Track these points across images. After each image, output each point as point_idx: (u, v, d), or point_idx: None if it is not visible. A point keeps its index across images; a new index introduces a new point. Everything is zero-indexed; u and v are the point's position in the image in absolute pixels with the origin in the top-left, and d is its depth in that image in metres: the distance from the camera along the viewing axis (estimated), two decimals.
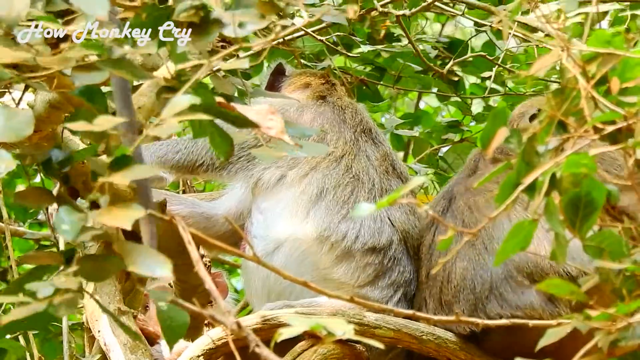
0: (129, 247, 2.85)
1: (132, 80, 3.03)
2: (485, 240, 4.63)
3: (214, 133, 3.05)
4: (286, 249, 4.83)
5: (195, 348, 4.51)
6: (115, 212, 2.82)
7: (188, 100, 2.84)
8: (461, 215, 4.77)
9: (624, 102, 2.93)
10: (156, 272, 2.79)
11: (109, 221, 2.80)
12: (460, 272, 4.67)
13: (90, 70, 2.96)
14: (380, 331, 4.54)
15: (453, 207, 4.81)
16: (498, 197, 2.79)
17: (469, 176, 4.91)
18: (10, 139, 2.89)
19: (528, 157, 2.82)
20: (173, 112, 2.83)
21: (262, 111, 3.01)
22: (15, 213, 6.78)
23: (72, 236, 2.82)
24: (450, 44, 6.74)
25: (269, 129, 2.99)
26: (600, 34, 2.98)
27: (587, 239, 2.92)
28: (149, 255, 2.83)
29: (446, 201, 4.87)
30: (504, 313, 4.56)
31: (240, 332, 2.65)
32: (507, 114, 2.94)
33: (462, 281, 4.66)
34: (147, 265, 2.80)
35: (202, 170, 5.01)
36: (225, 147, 3.06)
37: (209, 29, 3.05)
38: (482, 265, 4.64)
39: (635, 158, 2.88)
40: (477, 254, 4.65)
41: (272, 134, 2.99)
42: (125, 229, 2.78)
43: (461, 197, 4.82)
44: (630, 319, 2.89)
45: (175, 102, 2.85)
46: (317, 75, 5.37)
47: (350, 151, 4.98)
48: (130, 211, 2.82)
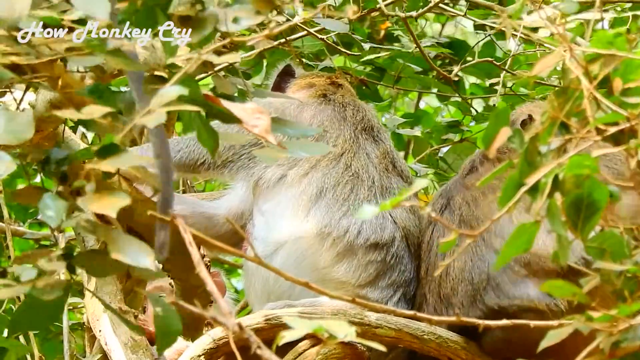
0: (113, 234, 2.84)
1: (126, 69, 3.02)
2: (483, 233, 4.64)
3: (201, 127, 3.04)
4: (286, 250, 4.83)
5: (196, 348, 4.51)
6: (102, 199, 2.81)
7: (176, 91, 2.83)
8: (459, 210, 4.78)
9: (626, 102, 2.93)
10: (140, 261, 2.79)
11: (95, 208, 2.79)
12: (459, 265, 4.69)
13: (86, 55, 2.96)
14: (381, 331, 4.54)
15: (451, 204, 4.83)
16: (501, 198, 2.79)
17: (465, 176, 4.93)
18: (11, 141, 2.89)
19: (530, 157, 2.82)
20: (161, 102, 2.83)
21: (249, 109, 3.00)
22: (16, 213, 6.78)
23: (57, 222, 2.81)
24: (451, 44, 6.73)
25: (254, 127, 2.98)
26: (602, 35, 2.98)
27: (589, 240, 2.92)
28: (134, 243, 2.82)
29: (444, 199, 4.89)
30: (502, 304, 4.57)
31: (241, 333, 2.65)
32: (509, 114, 2.95)
33: (461, 273, 4.67)
34: (131, 254, 2.80)
35: (203, 168, 5.01)
36: (210, 142, 3.05)
37: (204, 23, 3.05)
38: (480, 256, 4.65)
39: (637, 159, 2.88)
40: (475, 246, 4.66)
41: (256, 132, 2.98)
42: (111, 215, 2.77)
43: (458, 194, 4.83)
44: (631, 321, 2.89)
45: (164, 93, 2.84)
46: (324, 76, 5.37)
47: (350, 149, 4.98)
48: (117, 199, 2.81)
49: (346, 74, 6.33)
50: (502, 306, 4.57)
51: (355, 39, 6.38)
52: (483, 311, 4.62)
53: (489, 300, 4.61)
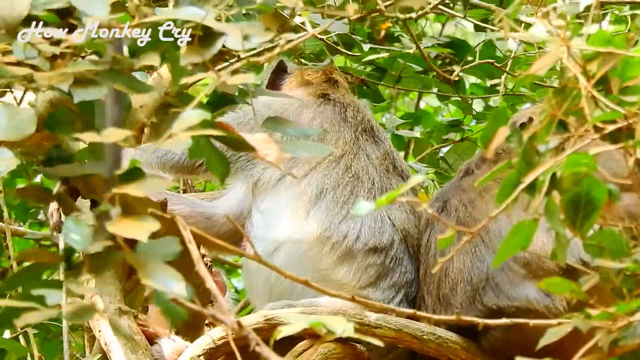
0: (141, 259, 2.81)
1: (132, 93, 3.02)
2: (481, 233, 4.64)
3: (211, 154, 3.03)
4: (286, 249, 4.83)
5: (196, 347, 4.51)
6: (130, 223, 2.80)
7: (199, 115, 2.82)
8: (455, 212, 4.79)
9: (624, 101, 2.93)
10: (172, 287, 2.78)
11: (124, 232, 2.77)
12: (457, 265, 4.69)
13: (89, 86, 2.94)
14: (381, 331, 4.54)
15: (447, 206, 4.83)
16: (498, 196, 2.79)
17: (461, 178, 4.94)
18: (13, 137, 2.89)
19: (528, 156, 2.82)
20: (184, 126, 2.81)
21: (260, 139, 3.00)
22: (16, 213, 6.79)
23: (83, 246, 2.80)
24: (451, 44, 6.74)
25: (266, 156, 2.99)
26: (600, 34, 2.98)
27: (588, 238, 2.92)
28: (163, 269, 2.80)
29: (440, 202, 4.89)
30: (501, 304, 4.58)
31: (241, 331, 2.65)
32: (507, 114, 2.95)
33: (459, 273, 4.68)
34: (162, 280, 2.78)
35: (202, 170, 5.02)
36: (221, 168, 3.05)
37: (212, 41, 3.05)
38: (478, 257, 4.66)
39: (635, 157, 2.88)
40: (474, 246, 4.67)
41: (269, 160, 2.98)
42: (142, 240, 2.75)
43: (454, 197, 4.84)
44: (630, 318, 2.89)
45: (186, 117, 2.83)
46: (319, 72, 5.36)
47: (350, 150, 4.98)
48: (145, 223, 2.80)
49: (347, 74, 6.34)
50: (501, 307, 4.57)
51: (355, 39, 6.38)
52: (482, 312, 4.62)
53: (488, 300, 4.61)
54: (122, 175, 2.83)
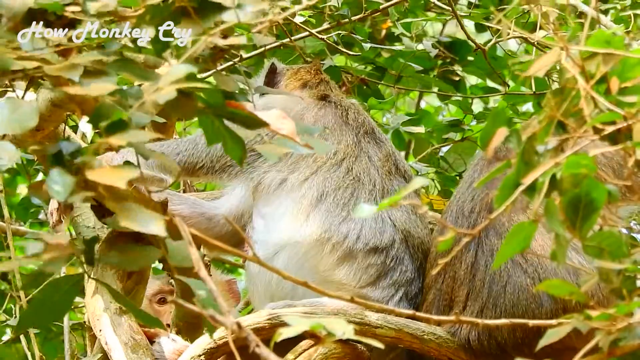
0: (123, 204, 2.85)
1: (138, 81, 3.03)
2: (538, 269, 4.56)
3: (227, 137, 3.04)
4: (286, 252, 4.83)
5: (196, 347, 4.51)
6: (109, 171, 2.83)
7: (185, 69, 2.84)
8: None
9: (623, 102, 2.93)
10: (150, 228, 2.80)
11: (103, 179, 2.81)
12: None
13: (99, 76, 2.96)
14: (381, 331, 4.54)
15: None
16: (498, 197, 2.79)
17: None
18: (15, 130, 2.90)
19: (527, 157, 2.82)
20: (170, 80, 2.84)
21: (274, 114, 3.03)
22: (17, 212, 6.79)
23: (64, 196, 2.82)
24: (452, 43, 6.74)
25: (280, 129, 3.01)
26: (599, 34, 2.98)
27: (587, 239, 2.92)
28: (143, 212, 2.83)
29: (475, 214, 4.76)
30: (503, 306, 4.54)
31: (240, 332, 2.65)
32: (506, 114, 2.95)
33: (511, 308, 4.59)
34: (141, 222, 2.81)
35: (202, 172, 5.01)
36: (238, 151, 3.06)
37: (208, 12, 3.06)
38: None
39: (635, 158, 2.88)
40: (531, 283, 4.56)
41: (283, 133, 3.01)
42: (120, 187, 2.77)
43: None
44: (630, 319, 2.89)
45: (173, 71, 2.85)
46: (310, 72, 5.35)
47: (352, 153, 4.97)
48: (125, 171, 2.83)
49: (347, 74, 6.34)
50: (503, 309, 4.55)
51: (356, 38, 6.38)
52: (484, 313, 4.62)
53: (491, 302, 4.60)
54: (106, 127, 2.84)
